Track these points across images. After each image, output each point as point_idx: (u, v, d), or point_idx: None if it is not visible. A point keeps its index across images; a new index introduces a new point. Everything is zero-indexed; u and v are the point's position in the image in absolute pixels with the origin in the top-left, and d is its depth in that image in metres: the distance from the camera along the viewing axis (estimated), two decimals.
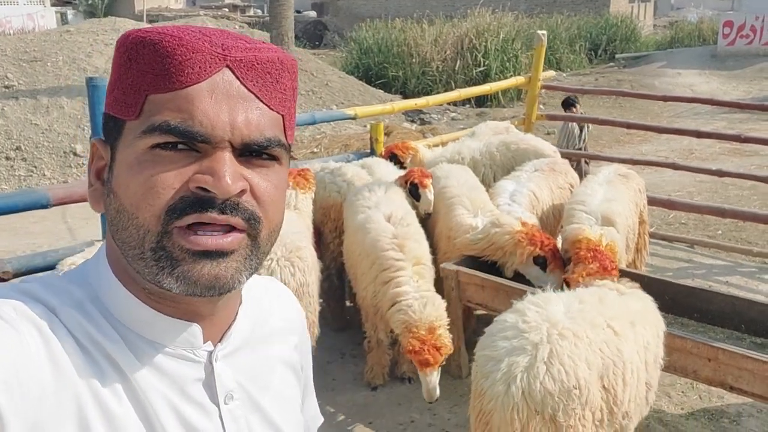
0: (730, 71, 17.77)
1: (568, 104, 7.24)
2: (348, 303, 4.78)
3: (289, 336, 0.93)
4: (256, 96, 0.73)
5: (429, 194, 4.15)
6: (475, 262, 3.93)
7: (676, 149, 11.77)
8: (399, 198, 4.02)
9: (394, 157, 4.98)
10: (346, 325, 4.63)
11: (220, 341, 0.81)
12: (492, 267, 3.91)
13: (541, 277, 3.65)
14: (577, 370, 2.38)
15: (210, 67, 0.70)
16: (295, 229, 3.49)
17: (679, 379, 3.80)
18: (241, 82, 0.72)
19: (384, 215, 3.73)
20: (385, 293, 3.52)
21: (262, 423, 0.84)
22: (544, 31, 6.50)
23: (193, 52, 0.69)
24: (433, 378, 3.25)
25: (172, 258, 0.70)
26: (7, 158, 9.38)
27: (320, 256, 4.29)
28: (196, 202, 0.69)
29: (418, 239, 3.65)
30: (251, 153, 0.73)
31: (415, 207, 4.17)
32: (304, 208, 3.92)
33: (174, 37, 0.70)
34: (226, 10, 31.54)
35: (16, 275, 3.36)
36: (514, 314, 2.57)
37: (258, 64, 0.73)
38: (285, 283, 3.32)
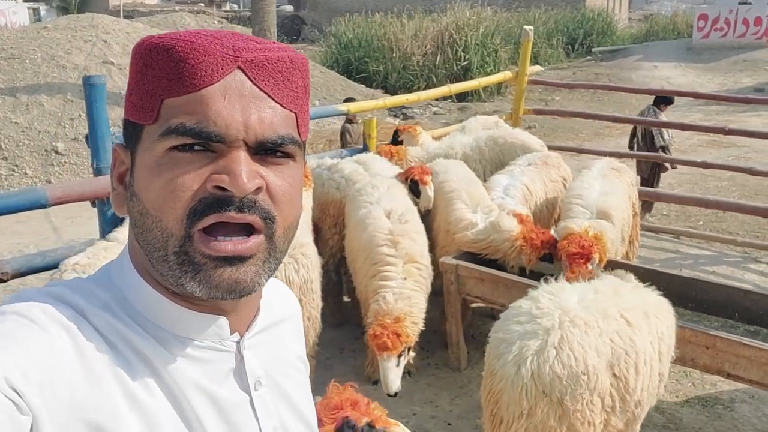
0: (705, 64, 18.06)
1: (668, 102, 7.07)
2: (346, 298, 4.82)
3: (293, 327, 0.97)
4: (268, 95, 0.74)
5: (429, 191, 4.20)
6: (474, 255, 3.99)
7: None
8: (401, 194, 4.06)
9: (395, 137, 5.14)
10: (344, 320, 4.66)
11: (246, 331, 0.84)
12: (491, 259, 3.97)
13: (551, 268, 3.74)
14: (586, 357, 2.45)
15: (222, 68, 0.72)
16: (299, 224, 3.51)
17: (672, 366, 3.88)
18: (252, 82, 0.73)
19: (384, 211, 3.76)
20: (370, 286, 3.56)
21: (288, 408, 0.88)
22: (531, 27, 6.57)
23: (205, 55, 0.71)
24: (390, 364, 3.24)
25: (193, 263, 0.72)
26: None
27: (319, 252, 4.32)
28: (215, 202, 0.70)
29: (414, 237, 3.68)
30: (266, 151, 0.74)
31: (415, 203, 4.22)
32: (305, 204, 3.94)
33: (186, 41, 0.72)
34: (202, 5, 31.24)
35: (15, 276, 3.33)
36: (529, 301, 2.64)
37: (269, 63, 0.75)
38: (289, 280, 3.38)
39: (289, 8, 33.95)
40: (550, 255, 3.75)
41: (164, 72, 0.72)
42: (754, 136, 6.01)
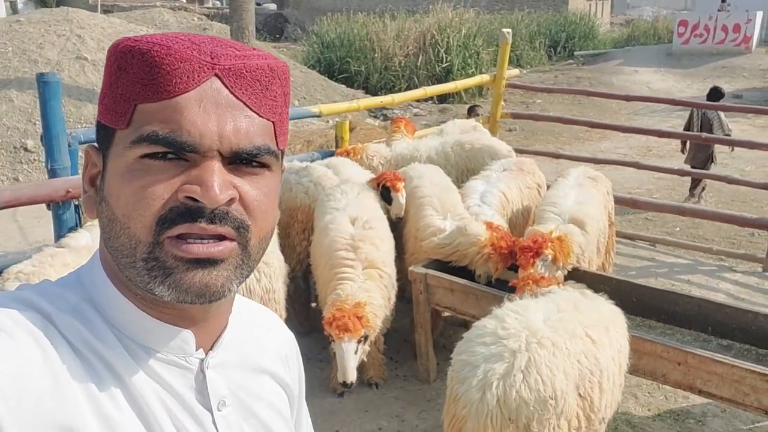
0: (685, 69, 18.17)
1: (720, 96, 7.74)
2: (314, 305, 4.69)
3: (278, 355, 0.94)
4: (245, 104, 0.72)
5: (401, 198, 4.09)
6: (444, 264, 3.88)
7: (634, 146, 11.96)
8: (370, 201, 3.94)
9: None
10: (312, 329, 4.53)
11: (211, 349, 0.82)
12: (461, 268, 3.86)
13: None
14: (554, 380, 2.36)
15: (198, 76, 0.70)
16: None
17: (644, 380, 3.82)
18: (230, 91, 0.71)
19: (350, 217, 3.65)
20: (329, 290, 3.45)
21: (256, 429, 0.85)
22: (509, 29, 6.49)
23: (181, 62, 0.70)
24: (349, 349, 3.10)
25: (164, 267, 0.70)
26: None
27: (286, 259, 4.19)
28: (186, 212, 0.69)
29: (376, 243, 3.56)
30: (241, 161, 0.72)
31: (387, 210, 4.11)
32: None
33: (163, 46, 0.70)
34: (184, 1, 30.88)
35: None
36: (494, 320, 2.54)
37: (247, 71, 0.72)
38: (250, 290, 3.24)
39: (273, 6, 33.73)
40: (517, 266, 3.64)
41: (138, 77, 0.70)
42: (731, 144, 5.97)
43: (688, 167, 6.29)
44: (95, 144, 0.77)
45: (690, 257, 5.93)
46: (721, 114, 7.59)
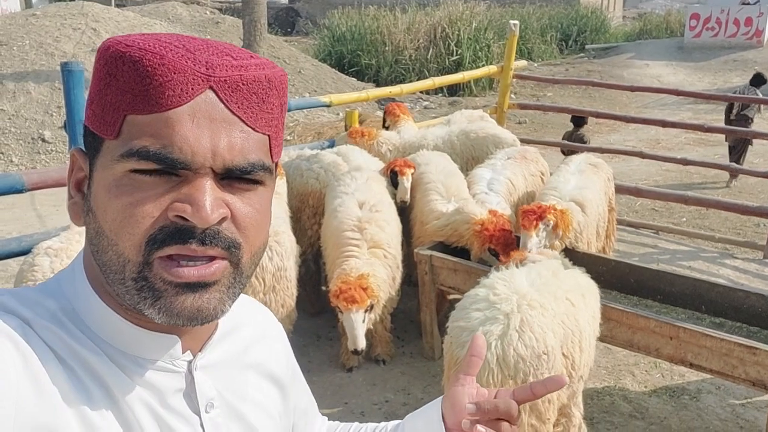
0: (696, 63, 18.14)
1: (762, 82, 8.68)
2: (324, 288, 4.86)
3: (263, 345, 0.93)
4: (240, 119, 0.69)
5: (406, 182, 4.24)
6: (448, 247, 4.04)
7: (643, 139, 12.04)
8: (378, 186, 4.10)
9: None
10: (322, 309, 4.70)
11: (200, 351, 0.80)
12: (465, 251, 4.01)
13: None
14: (545, 338, 2.55)
15: (192, 89, 0.67)
16: (275, 213, 3.56)
17: (643, 358, 3.97)
18: (225, 105, 0.69)
19: (357, 201, 3.82)
20: (337, 266, 3.61)
21: (243, 430, 0.84)
22: (516, 22, 6.61)
23: (174, 73, 0.66)
24: (357, 318, 3.26)
25: (153, 289, 0.68)
26: None
27: (297, 242, 4.36)
28: (176, 232, 0.67)
29: (382, 225, 3.73)
30: (233, 177, 0.70)
31: (395, 195, 4.28)
32: (282, 192, 3.98)
33: (155, 54, 0.67)
34: None
35: None
36: (484, 288, 2.72)
37: (243, 84, 0.70)
38: (262, 267, 3.42)
39: (284, 0, 33.85)
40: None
41: (129, 86, 0.67)
42: (733, 134, 6.07)
43: (689, 158, 6.39)
44: (82, 147, 0.74)
45: (693, 245, 6.05)
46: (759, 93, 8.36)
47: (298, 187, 4.35)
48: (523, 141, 7.28)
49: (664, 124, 6.26)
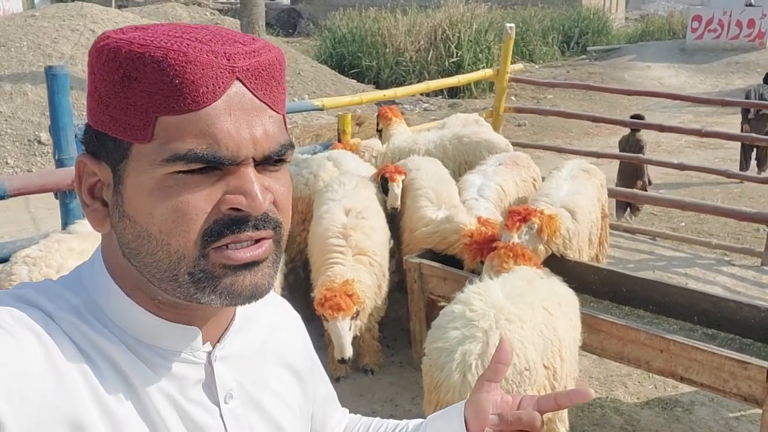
0: (698, 65, 18.06)
1: None
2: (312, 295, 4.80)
3: (281, 335, 0.94)
4: (267, 105, 0.72)
5: (396, 189, 4.18)
6: (439, 255, 3.97)
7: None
8: (367, 192, 4.03)
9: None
10: (312, 317, 4.63)
11: (218, 341, 0.82)
12: (456, 259, 3.95)
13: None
14: (526, 353, 2.49)
15: (223, 83, 0.68)
16: None
17: (635, 369, 3.89)
18: (253, 94, 0.71)
19: (344, 208, 3.75)
20: (321, 273, 3.55)
21: (263, 420, 0.85)
22: (512, 24, 6.55)
23: (202, 69, 0.67)
24: (344, 326, 3.18)
25: (213, 277, 0.70)
26: None
27: (286, 249, 4.30)
28: (231, 222, 0.69)
29: (367, 233, 3.66)
30: (266, 161, 0.73)
31: (385, 202, 4.22)
32: None
33: (178, 52, 0.66)
34: None
35: None
36: (460, 304, 2.66)
37: (263, 70, 0.72)
38: None
39: (286, 1, 33.82)
40: None
41: (157, 87, 0.66)
42: (731, 138, 6.00)
43: (688, 162, 6.31)
44: (88, 153, 0.74)
45: (690, 251, 5.97)
46: None
47: None
48: (523, 146, 7.25)
49: (662, 128, 6.19)
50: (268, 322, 0.92)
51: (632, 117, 6.80)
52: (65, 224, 3.72)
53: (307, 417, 0.97)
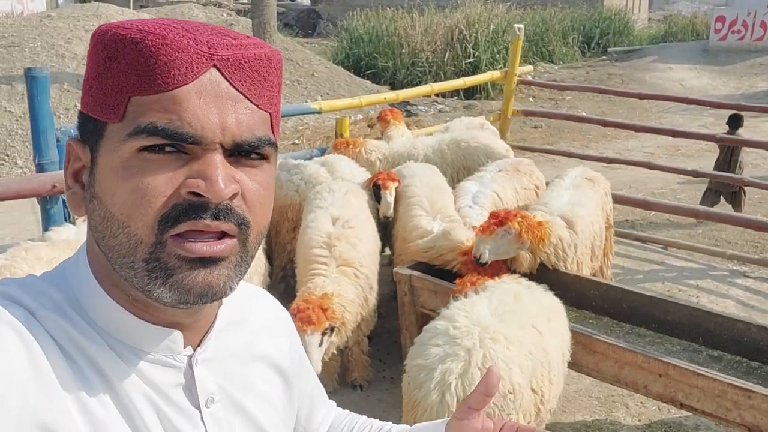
0: (721, 66, 17.61)
1: None
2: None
3: (269, 336, 0.92)
4: (245, 96, 0.70)
5: (389, 197, 4.03)
6: (431, 266, 3.80)
7: (662, 145, 11.64)
8: (357, 201, 3.87)
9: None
10: None
11: (199, 345, 0.80)
12: (449, 270, 3.78)
13: None
14: (511, 375, 2.35)
15: (197, 67, 0.67)
16: None
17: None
18: (229, 83, 0.69)
19: (331, 216, 3.60)
20: (302, 285, 3.40)
21: (245, 424, 0.83)
22: (521, 26, 6.36)
23: (178, 52, 0.66)
24: (313, 341, 3.02)
25: (166, 268, 0.68)
26: None
27: (276, 257, 4.17)
28: (189, 208, 0.67)
29: (353, 243, 3.49)
30: (240, 153, 0.71)
31: (378, 211, 4.07)
32: None
33: (157, 35, 0.67)
34: None
35: None
36: (444, 320, 2.54)
37: (246, 62, 0.70)
38: None
39: (306, 2, 33.86)
40: None
41: (132, 68, 0.66)
42: (747, 145, 5.74)
43: (701, 169, 6.06)
44: (78, 137, 0.74)
45: (703, 261, 5.72)
46: None
47: (277, 199, 4.12)
48: (533, 150, 7.04)
49: (675, 133, 5.95)
50: (257, 323, 0.91)
51: (731, 117, 6.45)
52: (46, 230, 3.63)
53: (293, 418, 0.95)
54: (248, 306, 0.91)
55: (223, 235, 0.69)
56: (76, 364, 0.70)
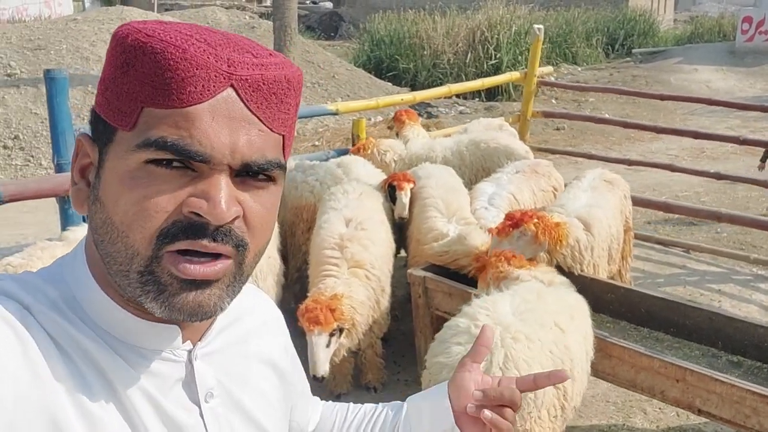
0: (748, 68, 17.30)
1: None
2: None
3: (267, 335, 0.93)
4: (259, 119, 0.70)
5: (404, 198, 4.00)
6: (445, 268, 3.77)
7: (687, 147, 11.45)
8: (371, 202, 3.85)
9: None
10: None
11: (199, 340, 0.80)
12: (462, 273, 3.74)
13: None
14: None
15: (214, 86, 0.66)
16: None
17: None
18: (245, 104, 0.69)
19: (344, 218, 3.59)
20: (313, 286, 3.40)
21: (243, 420, 0.83)
22: (541, 26, 6.30)
23: (196, 68, 0.66)
24: (320, 342, 3.00)
25: (159, 283, 0.68)
26: (5, 147, 9.37)
27: (292, 258, 4.17)
28: (189, 227, 0.67)
29: (365, 244, 3.46)
30: (248, 173, 0.70)
31: (393, 212, 4.05)
32: None
33: (178, 48, 0.66)
34: (243, 0, 31.45)
35: None
36: (465, 318, 2.51)
37: (264, 84, 0.69)
38: None
39: (329, 5, 33.99)
40: None
41: (149, 78, 0.66)
42: None
43: (723, 171, 5.95)
44: (88, 133, 0.74)
45: (726, 266, 5.61)
46: None
47: (292, 200, 4.16)
48: (552, 152, 6.97)
49: (697, 135, 5.85)
50: (253, 321, 0.91)
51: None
52: (64, 230, 3.68)
53: (287, 412, 0.96)
54: (246, 305, 0.91)
55: (218, 256, 0.69)
56: (72, 359, 0.69)
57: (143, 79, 0.66)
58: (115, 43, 0.70)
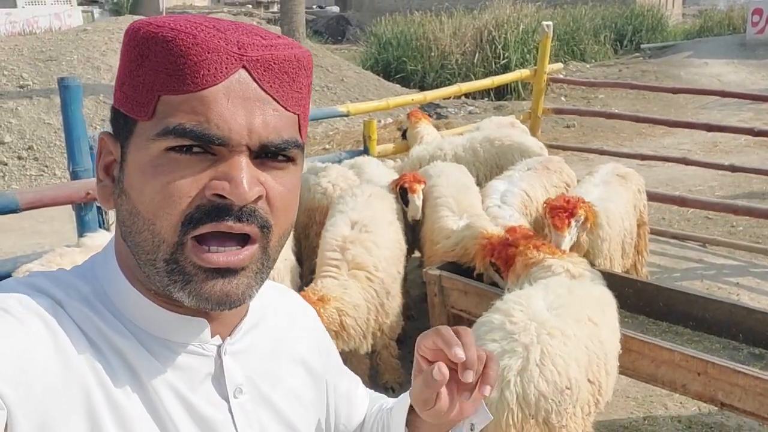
0: (759, 60, 17.15)
1: None
2: None
3: (298, 334, 0.93)
4: (273, 98, 0.71)
5: (417, 200, 3.98)
6: (460, 267, 3.76)
7: (699, 142, 11.37)
8: (380, 204, 3.81)
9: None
10: None
11: (229, 335, 0.80)
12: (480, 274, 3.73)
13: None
14: (568, 370, 2.32)
15: (226, 68, 0.68)
16: None
17: None
18: (257, 84, 0.70)
19: (350, 220, 3.56)
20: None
21: (272, 417, 0.83)
22: (550, 23, 6.29)
23: (208, 52, 0.67)
24: None
25: (184, 273, 0.69)
26: (19, 158, 9.46)
27: (305, 259, 4.17)
28: (213, 210, 0.68)
29: (368, 247, 3.41)
30: (266, 155, 0.71)
31: (405, 213, 4.03)
32: None
33: (188, 34, 0.67)
34: (250, 6, 31.63)
35: None
36: (499, 314, 2.48)
37: (275, 63, 0.70)
38: None
39: (336, 9, 34.09)
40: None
41: (162, 66, 0.67)
42: None
43: (739, 163, 5.90)
44: (110, 131, 0.76)
45: (743, 259, 5.56)
46: None
47: (305, 201, 4.16)
48: (564, 148, 6.95)
49: (710, 128, 5.80)
50: (284, 319, 0.91)
51: None
52: (81, 237, 3.70)
53: (322, 413, 0.95)
54: (277, 304, 0.92)
55: (244, 242, 0.70)
56: (103, 354, 0.70)
57: (157, 68, 0.67)
58: (128, 38, 0.71)
